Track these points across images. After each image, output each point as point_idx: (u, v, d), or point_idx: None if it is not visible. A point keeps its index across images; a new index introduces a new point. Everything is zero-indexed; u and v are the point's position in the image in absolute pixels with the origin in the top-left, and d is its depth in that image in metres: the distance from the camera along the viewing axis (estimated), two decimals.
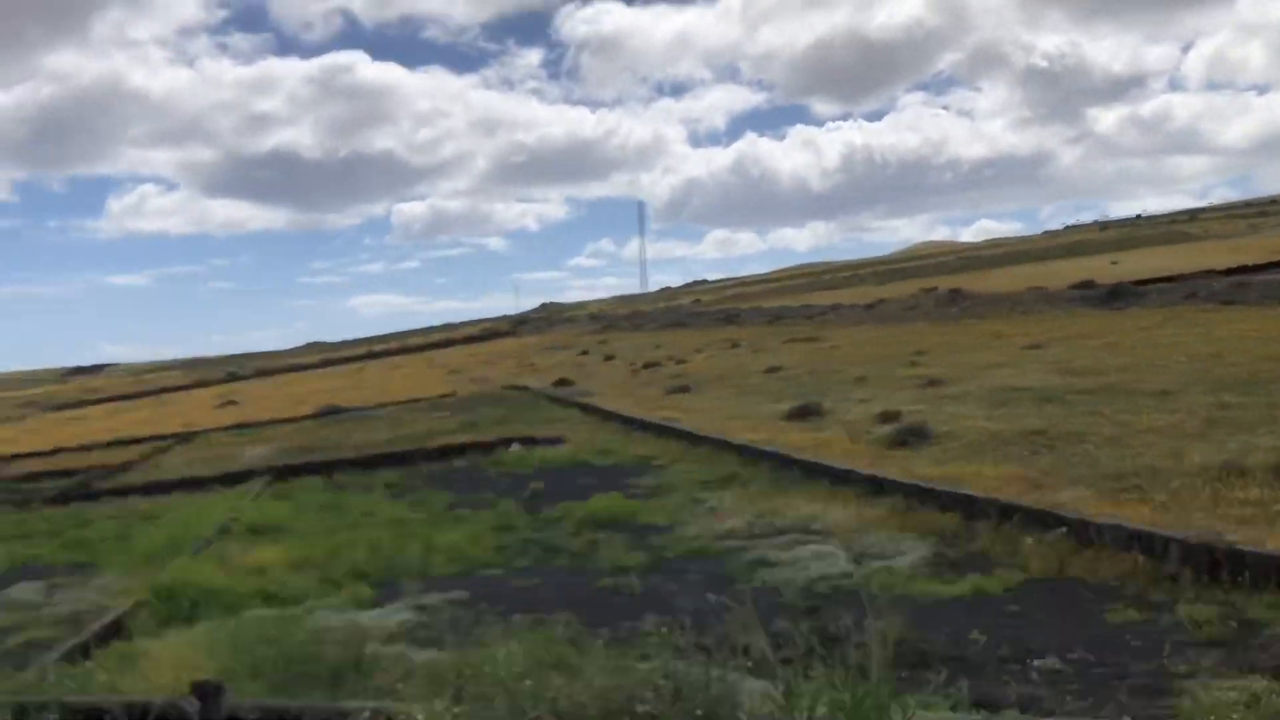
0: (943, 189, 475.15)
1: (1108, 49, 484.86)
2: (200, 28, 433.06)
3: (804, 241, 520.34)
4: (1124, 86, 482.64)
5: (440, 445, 21.60)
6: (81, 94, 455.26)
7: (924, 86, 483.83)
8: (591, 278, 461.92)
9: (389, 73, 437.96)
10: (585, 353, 57.70)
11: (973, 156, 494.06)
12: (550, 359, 57.12)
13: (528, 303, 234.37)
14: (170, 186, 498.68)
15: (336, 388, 55.42)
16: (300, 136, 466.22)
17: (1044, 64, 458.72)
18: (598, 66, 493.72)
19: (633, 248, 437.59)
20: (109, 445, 34.95)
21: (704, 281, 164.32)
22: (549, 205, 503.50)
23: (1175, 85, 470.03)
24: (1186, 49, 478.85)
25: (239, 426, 35.89)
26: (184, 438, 33.63)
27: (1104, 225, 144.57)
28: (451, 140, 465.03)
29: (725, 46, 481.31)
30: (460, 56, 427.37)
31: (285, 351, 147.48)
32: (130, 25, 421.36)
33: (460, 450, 20.93)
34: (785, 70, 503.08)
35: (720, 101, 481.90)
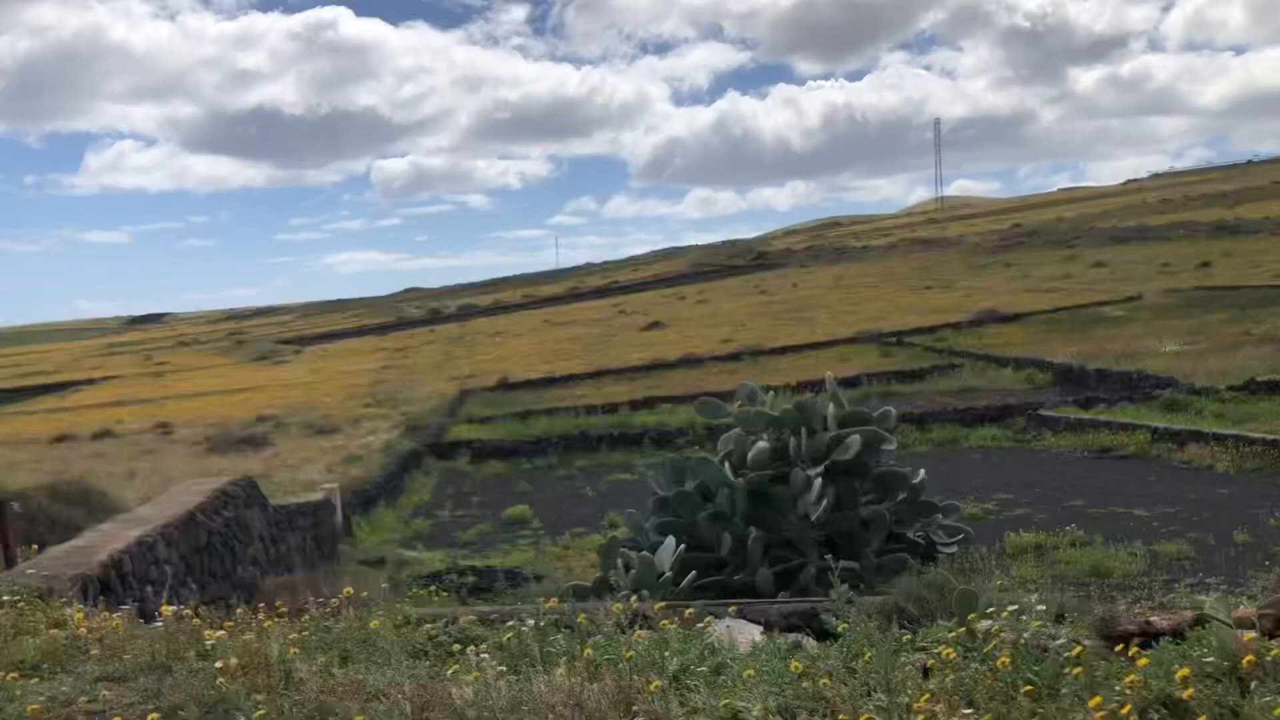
0: (923, 149, 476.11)
1: (1090, 9, 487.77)
2: None
3: (784, 200, 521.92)
4: (1105, 47, 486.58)
5: None
6: (61, 48, 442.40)
7: (906, 46, 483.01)
8: (574, 235, 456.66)
9: (372, 28, 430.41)
10: (1069, 275, 53.58)
11: (953, 116, 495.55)
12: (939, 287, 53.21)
13: (566, 257, 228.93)
14: (149, 142, 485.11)
15: (704, 316, 54.55)
16: (282, 93, 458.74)
17: (1026, 24, 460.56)
18: (582, 23, 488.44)
19: (615, 205, 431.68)
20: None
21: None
22: (531, 163, 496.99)
23: (1155, 46, 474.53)
24: (1168, 9, 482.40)
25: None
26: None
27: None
28: (434, 97, 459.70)
29: (709, 4, 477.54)
30: (444, 13, 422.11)
31: (388, 297, 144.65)
32: None
33: None
34: (768, 29, 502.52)
35: (703, 60, 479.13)
